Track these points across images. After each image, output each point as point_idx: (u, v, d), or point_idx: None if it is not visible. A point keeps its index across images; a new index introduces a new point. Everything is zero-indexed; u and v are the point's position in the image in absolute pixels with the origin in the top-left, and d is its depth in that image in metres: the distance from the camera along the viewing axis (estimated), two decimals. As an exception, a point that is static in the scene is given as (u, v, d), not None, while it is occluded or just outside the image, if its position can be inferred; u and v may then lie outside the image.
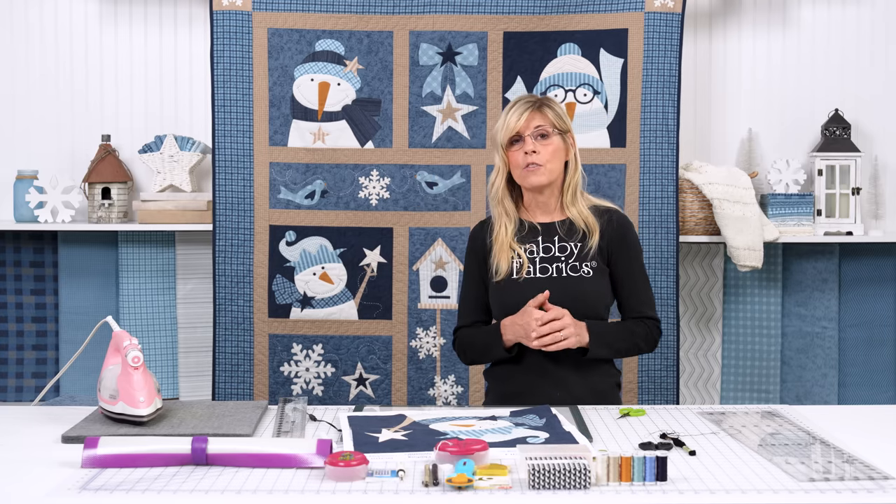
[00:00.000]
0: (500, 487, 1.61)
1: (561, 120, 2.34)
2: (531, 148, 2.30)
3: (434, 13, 3.21)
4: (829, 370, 3.42)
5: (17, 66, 3.45)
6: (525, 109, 2.33)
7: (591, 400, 2.27)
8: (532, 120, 2.32)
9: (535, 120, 2.32)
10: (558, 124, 2.33)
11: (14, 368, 3.42)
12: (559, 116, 2.34)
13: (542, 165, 2.31)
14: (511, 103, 2.38)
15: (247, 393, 3.24)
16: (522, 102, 2.35)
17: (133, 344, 1.99)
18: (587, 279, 2.31)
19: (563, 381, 2.31)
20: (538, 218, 2.40)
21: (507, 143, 2.35)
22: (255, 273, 3.23)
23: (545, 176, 2.32)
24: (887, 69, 3.48)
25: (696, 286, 3.45)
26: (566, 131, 2.35)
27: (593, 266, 2.32)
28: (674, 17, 3.21)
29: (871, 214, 3.45)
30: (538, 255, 2.34)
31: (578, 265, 2.32)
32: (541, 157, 2.31)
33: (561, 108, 2.37)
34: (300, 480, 1.66)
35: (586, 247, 2.33)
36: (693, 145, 3.46)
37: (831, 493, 1.59)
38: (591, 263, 2.32)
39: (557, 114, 2.34)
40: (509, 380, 2.37)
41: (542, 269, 2.33)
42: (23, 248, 3.42)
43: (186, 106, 3.46)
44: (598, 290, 2.32)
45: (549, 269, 2.33)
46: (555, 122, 2.33)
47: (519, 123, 2.32)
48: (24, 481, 1.67)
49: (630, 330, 2.34)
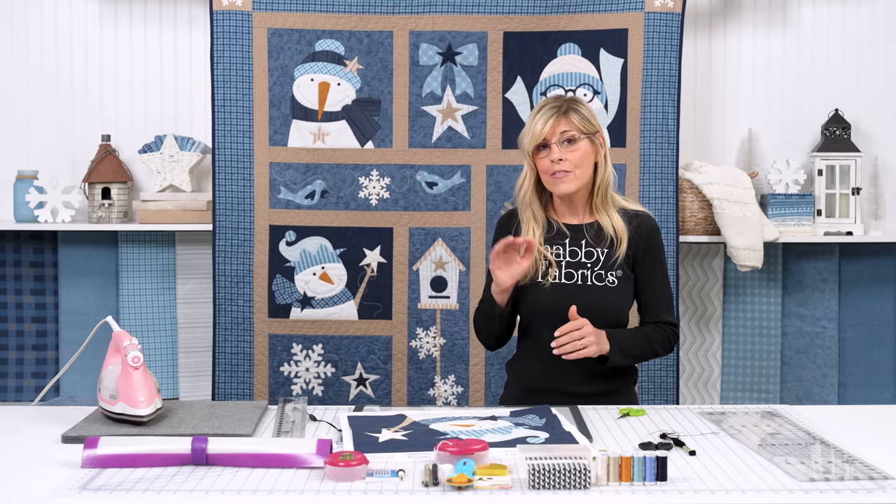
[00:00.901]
0: (500, 487, 1.61)
1: (588, 122, 2.30)
2: (557, 156, 2.26)
3: (434, 13, 3.21)
4: (829, 370, 3.42)
5: (17, 66, 3.45)
6: (551, 115, 2.28)
7: (606, 398, 2.29)
8: (558, 126, 2.27)
9: (560, 125, 2.28)
10: (585, 127, 2.28)
11: (14, 368, 3.42)
12: (586, 119, 2.29)
13: (570, 172, 2.27)
14: (537, 107, 2.33)
15: (247, 393, 3.24)
16: (548, 108, 2.30)
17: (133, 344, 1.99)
18: (611, 289, 2.29)
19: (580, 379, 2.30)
20: (567, 219, 2.37)
21: (533, 149, 2.31)
22: (255, 273, 3.23)
23: (574, 183, 2.28)
24: (887, 69, 3.48)
25: (696, 286, 3.45)
26: (595, 132, 2.30)
27: (619, 275, 2.30)
28: (674, 17, 3.21)
29: (871, 214, 3.45)
30: (564, 259, 2.32)
31: (604, 274, 2.30)
32: (568, 163, 2.27)
33: (588, 109, 2.32)
34: (300, 480, 1.66)
35: (613, 255, 2.30)
36: (693, 145, 3.46)
37: (831, 493, 1.59)
38: (616, 272, 2.30)
39: (584, 116, 2.29)
40: (530, 375, 2.37)
41: (567, 274, 2.31)
42: (23, 248, 3.42)
43: (186, 106, 3.46)
44: (620, 300, 2.30)
45: (574, 275, 2.31)
46: (581, 126, 2.28)
47: (545, 130, 2.27)
48: (24, 481, 1.67)
49: (649, 337, 2.32)
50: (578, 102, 2.32)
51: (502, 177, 3.23)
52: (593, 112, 2.33)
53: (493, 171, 3.24)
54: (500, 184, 3.23)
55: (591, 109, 2.33)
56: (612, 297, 2.29)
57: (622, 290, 2.30)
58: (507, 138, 3.23)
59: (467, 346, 3.24)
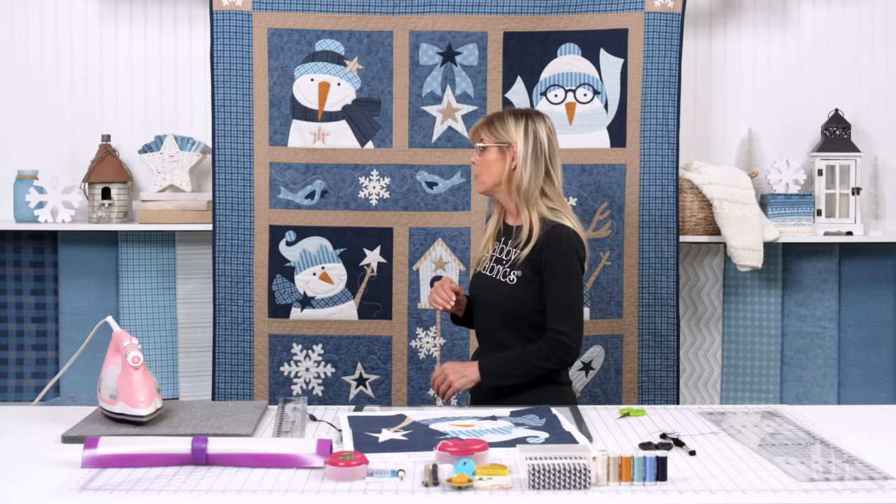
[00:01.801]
0: (500, 487, 1.61)
1: (500, 135, 2.48)
2: (472, 158, 2.54)
3: (434, 13, 3.21)
4: (829, 370, 3.42)
5: (17, 66, 3.45)
6: (477, 125, 2.54)
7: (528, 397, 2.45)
8: (476, 134, 2.53)
9: (478, 134, 2.53)
10: (498, 138, 2.48)
11: (14, 368, 3.42)
12: (498, 132, 2.48)
13: (479, 175, 2.52)
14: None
15: (247, 393, 3.24)
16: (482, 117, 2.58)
17: (133, 344, 2.00)
18: (508, 286, 2.46)
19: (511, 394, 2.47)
20: (509, 220, 2.58)
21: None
22: (255, 273, 3.23)
23: (480, 186, 2.52)
24: (887, 69, 3.48)
25: (696, 286, 3.45)
26: (507, 144, 2.47)
27: (518, 275, 2.45)
28: (674, 17, 3.21)
29: (871, 214, 3.45)
30: (495, 255, 2.54)
31: (508, 271, 2.47)
32: (477, 167, 2.52)
33: (512, 124, 2.47)
34: (300, 480, 1.66)
35: (519, 256, 2.46)
36: (693, 145, 3.46)
37: (831, 493, 1.59)
38: (517, 272, 2.45)
39: (497, 130, 2.49)
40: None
41: (491, 267, 2.53)
42: (23, 248, 3.42)
43: (186, 106, 3.46)
44: (517, 298, 2.44)
45: (495, 269, 2.51)
46: (492, 137, 2.49)
47: (469, 136, 2.60)
48: (24, 481, 1.67)
49: (525, 355, 2.42)
50: (504, 117, 2.50)
51: (502, 177, 3.23)
52: (518, 127, 2.48)
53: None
54: (500, 184, 3.23)
55: (518, 125, 2.47)
56: (507, 294, 2.45)
57: (518, 289, 2.44)
58: (507, 138, 3.23)
59: (467, 347, 3.24)
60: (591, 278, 3.24)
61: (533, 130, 2.46)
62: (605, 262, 3.25)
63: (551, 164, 2.47)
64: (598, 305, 3.25)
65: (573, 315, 2.41)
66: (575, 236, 2.44)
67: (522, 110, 2.51)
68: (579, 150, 3.23)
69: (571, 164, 3.22)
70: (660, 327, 3.25)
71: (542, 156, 2.46)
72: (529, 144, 2.45)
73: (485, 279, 2.53)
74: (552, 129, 2.50)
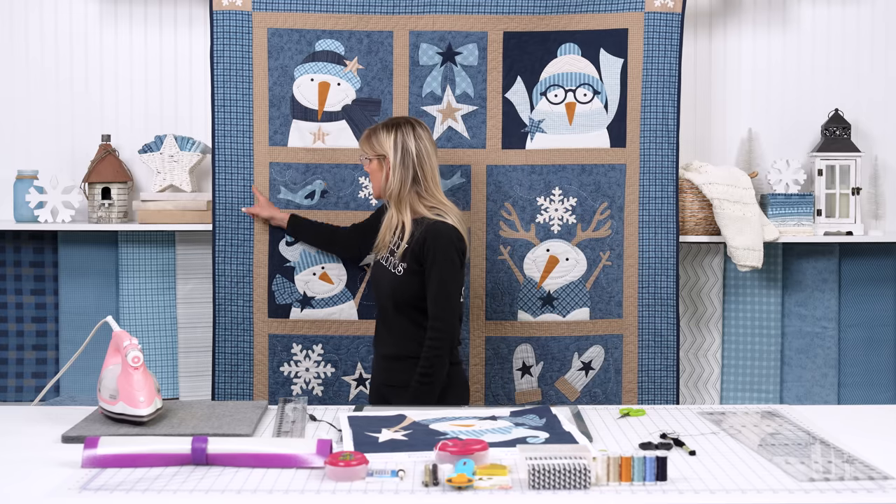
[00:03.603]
0: (500, 487, 1.61)
1: (374, 148, 2.78)
2: (365, 168, 2.87)
3: (434, 13, 3.21)
4: (829, 370, 3.42)
5: (17, 66, 3.45)
6: (361, 140, 2.85)
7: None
8: (360, 147, 2.86)
9: (361, 146, 2.86)
10: (375, 151, 2.78)
11: (14, 368, 3.42)
12: (373, 145, 2.79)
13: (372, 183, 2.84)
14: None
15: (247, 393, 3.24)
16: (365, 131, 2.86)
17: (133, 344, 2.00)
18: (395, 276, 2.73)
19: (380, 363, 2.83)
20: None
21: None
22: (255, 273, 3.23)
23: (374, 192, 2.84)
24: (887, 69, 3.48)
25: (696, 286, 3.45)
26: (382, 156, 2.77)
27: (403, 267, 2.72)
28: (674, 17, 3.21)
29: (871, 214, 3.45)
30: (390, 247, 2.79)
31: (396, 262, 2.74)
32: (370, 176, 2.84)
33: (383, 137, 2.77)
34: (300, 480, 1.66)
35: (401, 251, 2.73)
36: (693, 145, 3.46)
37: (831, 493, 1.59)
38: (402, 265, 2.72)
39: (372, 143, 2.79)
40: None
41: (386, 258, 2.78)
42: (23, 248, 3.42)
43: (186, 106, 3.46)
44: (402, 288, 2.71)
45: (389, 259, 2.77)
46: (369, 150, 2.80)
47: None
48: (23, 481, 1.67)
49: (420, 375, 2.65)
50: (378, 131, 2.79)
51: (502, 177, 3.23)
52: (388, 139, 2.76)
53: (493, 171, 3.24)
54: (500, 184, 3.23)
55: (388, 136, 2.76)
56: (396, 283, 2.73)
57: (403, 280, 2.71)
58: (507, 138, 3.23)
59: (467, 347, 3.24)
60: (591, 278, 3.24)
61: (401, 141, 2.75)
62: (605, 262, 3.25)
63: (420, 170, 2.74)
64: (598, 305, 3.25)
65: (447, 302, 2.67)
66: (455, 231, 2.71)
67: (395, 121, 2.80)
68: (579, 150, 3.23)
69: (571, 164, 3.22)
70: (660, 327, 3.25)
71: (411, 163, 2.74)
72: (399, 154, 2.74)
73: (380, 269, 2.79)
74: (424, 137, 2.76)
